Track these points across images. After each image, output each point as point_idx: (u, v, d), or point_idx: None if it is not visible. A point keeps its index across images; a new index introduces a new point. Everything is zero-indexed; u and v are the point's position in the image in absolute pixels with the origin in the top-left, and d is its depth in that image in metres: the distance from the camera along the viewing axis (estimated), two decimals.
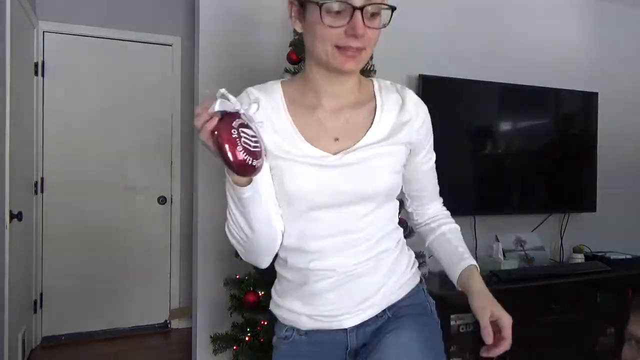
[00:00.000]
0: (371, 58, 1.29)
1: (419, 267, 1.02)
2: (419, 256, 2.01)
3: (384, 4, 0.80)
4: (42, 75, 3.31)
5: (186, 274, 3.65)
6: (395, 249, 0.94)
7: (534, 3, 3.18)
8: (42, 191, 3.33)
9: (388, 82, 0.96)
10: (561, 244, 3.16)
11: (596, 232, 3.19)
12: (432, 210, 1.07)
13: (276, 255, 0.93)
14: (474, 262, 0.98)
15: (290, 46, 2.09)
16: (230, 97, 0.70)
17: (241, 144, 0.68)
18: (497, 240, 2.89)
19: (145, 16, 3.55)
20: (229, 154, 0.67)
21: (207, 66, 2.42)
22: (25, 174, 2.98)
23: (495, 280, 2.53)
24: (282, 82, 0.92)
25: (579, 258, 2.99)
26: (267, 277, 1.96)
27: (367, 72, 2.02)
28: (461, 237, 1.04)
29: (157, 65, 3.63)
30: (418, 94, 0.98)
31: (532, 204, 3.06)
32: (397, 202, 0.97)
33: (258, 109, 0.74)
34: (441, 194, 1.10)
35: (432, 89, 2.64)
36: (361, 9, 0.76)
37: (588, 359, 2.67)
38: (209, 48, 2.42)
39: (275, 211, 0.86)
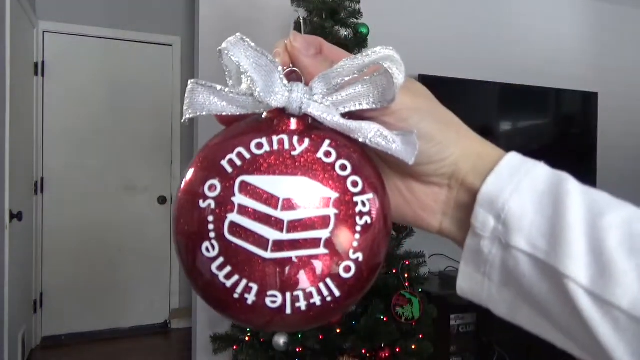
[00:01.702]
0: None
1: (418, 266, 0.94)
2: (419, 256, 2.01)
3: None
4: (42, 75, 3.31)
5: None
6: None
7: (534, 3, 3.18)
8: (42, 191, 3.33)
9: None
10: None
11: None
12: None
13: None
14: None
15: None
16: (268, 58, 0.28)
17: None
18: None
19: (145, 16, 3.55)
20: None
21: (207, 66, 2.42)
22: (25, 174, 2.98)
23: None
24: None
25: None
26: None
27: None
28: None
29: (157, 65, 3.63)
30: None
31: None
32: None
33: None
34: None
35: (432, 89, 2.64)
36: None
37: None
38: (209, 48, 2.42)
39: None
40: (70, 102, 3.40)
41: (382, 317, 1.92)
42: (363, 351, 1.90)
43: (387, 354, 1.91)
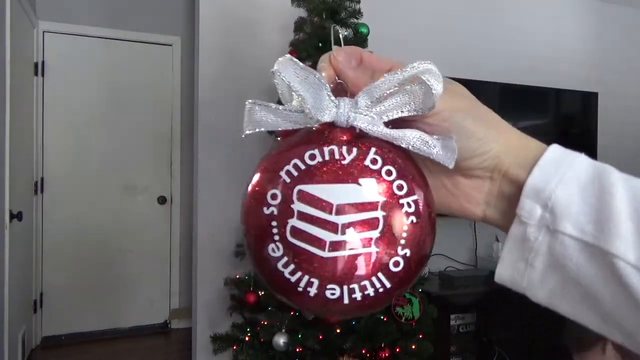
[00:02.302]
0: None
1: None
2: None
3: None
4: (42, 75, 3.31)
5: (186, 274, 3.65)
6: None
7: (535, 3, 3.18)
8: (42, 191, 3.33)
9: None
10: None
11: None
12: None
13: None
14: None
15: (290, 46, 2.09)
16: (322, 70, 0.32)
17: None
18: (497, 240, 2.89)
19: (145, 16, 3.55)
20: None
21: (207, 66, 2.42)
22: (25, 174, 2.98)
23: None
24: None
25: None
26: None
27: None
28: None
29: (157, 65, 3.63)
30: None
31: None
32: None
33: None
34: None
35: None
36: None
37: None
38: (209, 48, 2.42)
39: None
40: (70, 102, 3.39)
41: (382, 317, 1.92)
42: (363, 351, 1.90)
43: (387, 354, 1.91)
